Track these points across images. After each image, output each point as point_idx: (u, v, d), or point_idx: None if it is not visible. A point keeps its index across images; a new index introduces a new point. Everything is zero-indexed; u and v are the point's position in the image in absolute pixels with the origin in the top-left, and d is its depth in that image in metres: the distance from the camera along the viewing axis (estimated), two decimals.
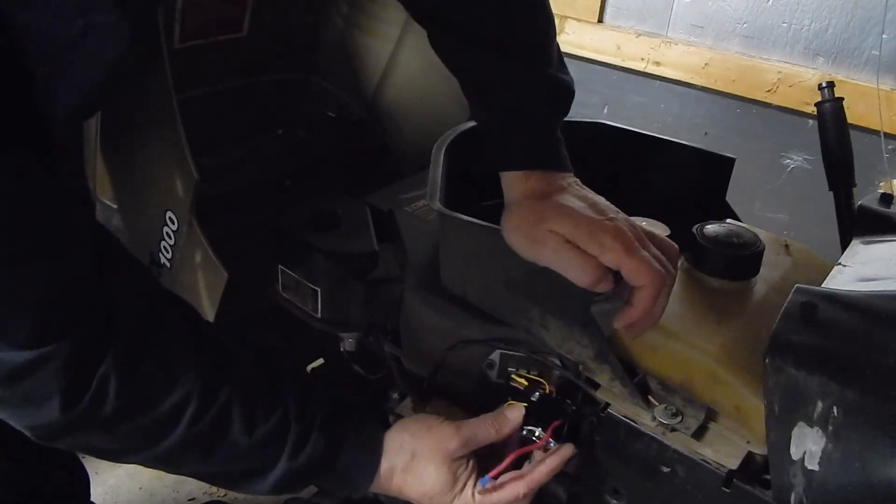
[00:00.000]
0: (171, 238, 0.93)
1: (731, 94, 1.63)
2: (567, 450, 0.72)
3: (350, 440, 0.70)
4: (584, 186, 0.74)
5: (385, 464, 0.71)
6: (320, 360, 1.30)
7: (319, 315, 0.96)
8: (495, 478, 0.71)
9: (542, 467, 0.71)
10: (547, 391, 0.76)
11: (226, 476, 0.69)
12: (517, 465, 0.73)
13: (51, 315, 0.56)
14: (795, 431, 0.56)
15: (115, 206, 1.03)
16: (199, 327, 0.68)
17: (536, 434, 0.72)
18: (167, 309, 0.66)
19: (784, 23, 1.53)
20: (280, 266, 0.98)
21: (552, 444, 0.72)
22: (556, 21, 0.79)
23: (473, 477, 0.71)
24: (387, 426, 0.74)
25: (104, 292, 0.60)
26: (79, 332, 0.57)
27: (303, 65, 1.41)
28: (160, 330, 0.63)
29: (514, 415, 0.73)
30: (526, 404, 0.74)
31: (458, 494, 0.71)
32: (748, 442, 0.66)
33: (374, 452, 0.71)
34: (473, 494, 0.71)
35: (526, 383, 0.77)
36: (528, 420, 0.73)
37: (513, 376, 0.78)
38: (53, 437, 0.61)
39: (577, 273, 0.65)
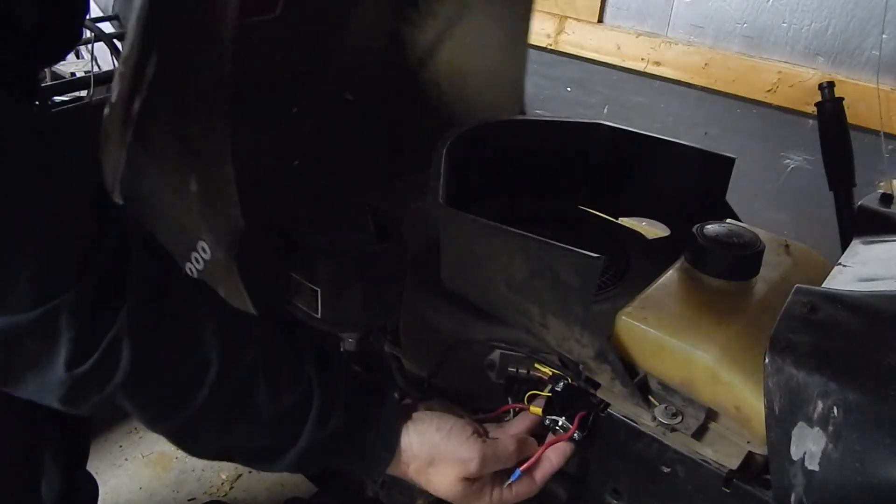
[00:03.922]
0: (199, 263, 0.83)
1: (731, 94, 1.63)
2: (568, 447, 0.72)
3: (373, 415, 0.70)
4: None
5: (404, 456, 0.70)
6: None
7: (319, 315, 0.96)
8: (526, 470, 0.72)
9: (548, 464, 0.72)
10: (570, 382, 0.76)
11: (248, 451, 0.66)
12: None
13: (54, 266, 0.54)
14: (795, 431, 0.56)
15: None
16: (214, 293, 0.66)
17: (560, 424, 0.72)
18: (179, 271, 0.64)
19: (784, 23, 1.54)
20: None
21: (577, 436, 0.72)
22: (556, 21, 0.78)
23: (490, 483, 0.72)
24: (405, 414, 0.73)
25: (108, 247, 0.57)
26: (84, 282, 0.55)
27: (330, 47, 1.35)
28: (174, 290, 0.61)
29: (532, 440, 0.74)
30: (550, 394, 0.74)
31: (475, 499, 0.71)
32: (748, 442, 0.66)
33: (395, 431, 0.70)
34: (491, 496, 0.71)
35: (550, 372, 0.77)
36: (551, 410, 0.73)
37: (536, 365, 0.78)
38: (69, 402, 0.58)
39: None
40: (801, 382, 0.55)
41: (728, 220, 0.84)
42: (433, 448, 0.70)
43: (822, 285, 0.66)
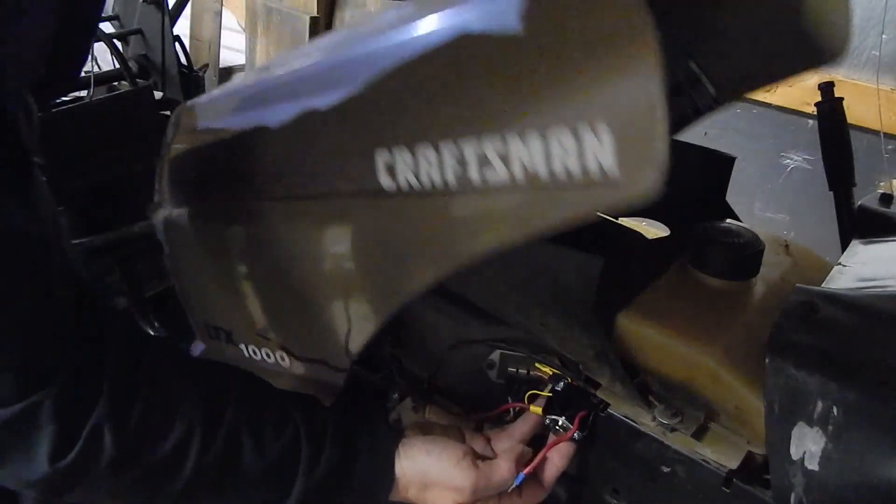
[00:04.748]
0: (270, 357, 0.79)
1: None
2: (569, 447, 0.72)
3: (364, 447, 0.69)
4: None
5: (401, 482, 0.69)
6: None
7: None
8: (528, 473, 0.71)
9: (553, 467, 0.71)
10: (570, 382, 0.75)
11: None
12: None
13: (34, 363, 0.54)
14: (795, 431, 0.56)
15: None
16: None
17: (560, 423, 0.72)
18: (153, 340, 0.64)
19: None
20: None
21: (577, 436, 0.72)
22: None
23: (495, 498, 0.71)
24: (396, 437, 0.72)
25: (85, 334, 0.58)
26: (64, 376, 0.55)
27: None
28: (149, 363, 0.61)
29: (528, 450, 0.73)
30: (550, 393, 0.74)
31: None
32: (748, 442, 0.66)
33: (390, 457, 0.69)
34: None
35: (550, 372, 0.76)
36: (551, 409, 0.72)
37: (536, 365, 0.78)
38: (55, 492, 0.59)
39: None
40: (801, 382, 0.55)
41: (728, 220, 0.84)
42: (425, 472, 0.69)
43: (822, 285, 0.66)
